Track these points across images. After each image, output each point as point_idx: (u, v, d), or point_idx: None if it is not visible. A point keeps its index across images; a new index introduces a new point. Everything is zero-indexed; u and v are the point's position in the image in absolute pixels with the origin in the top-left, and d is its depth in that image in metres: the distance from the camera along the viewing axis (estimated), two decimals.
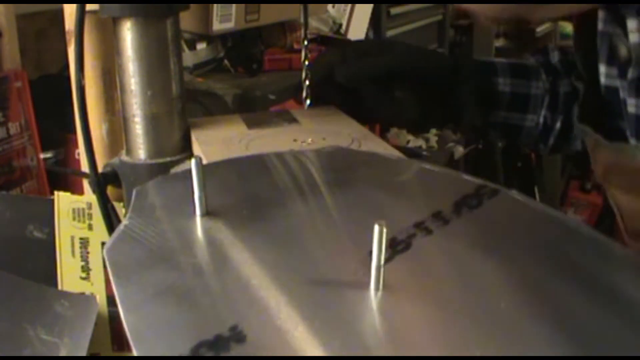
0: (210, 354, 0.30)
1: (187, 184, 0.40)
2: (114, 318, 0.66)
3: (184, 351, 0.30)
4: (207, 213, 0.40)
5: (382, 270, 0.33)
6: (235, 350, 0.30)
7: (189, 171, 0.40)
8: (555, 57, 0.77)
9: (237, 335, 0.31)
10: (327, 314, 0.32)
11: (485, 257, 0.37)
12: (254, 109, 1.14)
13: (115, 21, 0.57)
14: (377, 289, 0.34)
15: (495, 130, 0.76)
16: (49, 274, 0.65)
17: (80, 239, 0.65)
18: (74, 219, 0.65)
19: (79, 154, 0.90)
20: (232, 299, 0.34)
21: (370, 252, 0.33)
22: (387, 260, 0.34)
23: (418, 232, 0.38)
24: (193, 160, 0.40)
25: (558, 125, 0.75)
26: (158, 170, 0.56)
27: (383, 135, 1.70)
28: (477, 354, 0.29)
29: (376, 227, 0.32)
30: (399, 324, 0.32)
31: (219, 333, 0.31)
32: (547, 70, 0.75)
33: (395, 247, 0.37)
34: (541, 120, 0.75)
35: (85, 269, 0.65)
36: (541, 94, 0.75)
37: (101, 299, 0.65)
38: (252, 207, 0.42)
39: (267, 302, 0.33)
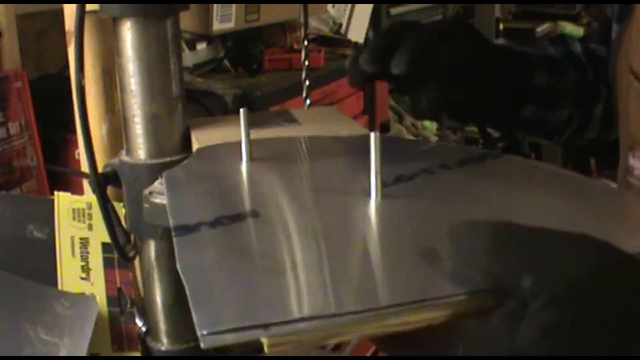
0: (228, 223, 0.39)
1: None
2: (114, 318, 0.66)
3: (209, 218, 0.40)
4: (251, 159, 0.50)
5: (379, 176, 0.41)
6: (250, 222, 0.40)
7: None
8: (577, 47, 0.76)
9: (253, 213, 0.40)
10: (329, 207, 0.42)
11: (476, 182, 0.46)
12: (254, 109, 1.14)
13: (115, 21, 0.57)
14: (375, 195, 0.42)
15: (518, 126, 0.74)
16: (49, 274, 0.64)
17: (80, 239, 0.65)
18: (73, 219, 0.65)
19: (79, 154, 0.90)
20: (257, 197, 0.45)
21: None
22: (389, 185, 0.43)
23: (422, 173, 0.46)
24: (241, 110, 0.51)
25: (577, 118, 0.74)
26: (158, 170, 0.56)
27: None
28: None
29: (372, 135, 0.40)
30: (388, 220, 0.40)
31: (240, 212, 0.41)
32: (573, 63, 0.74)
33: (399, 179, 0.45)
34: (566, 115, 0.74)
35: (85, 269, 0.65)
36: (570, 89, 0.73)
37: (101, 299, 0.65)
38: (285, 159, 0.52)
39: (283, 199, 0.44)
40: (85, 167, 0.61)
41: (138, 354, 0.67)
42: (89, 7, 0.56)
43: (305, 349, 0.32)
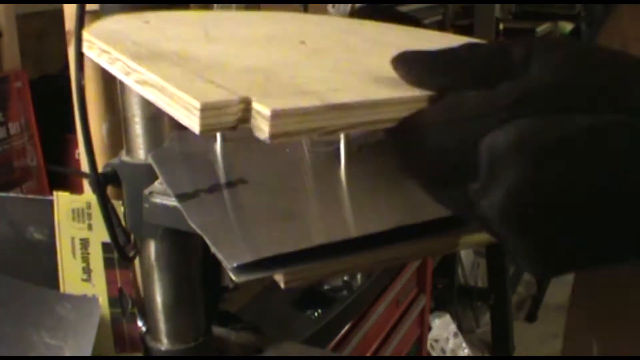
0: (222, 189, 0.42)
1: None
2: (116, 319, 0.66)
3: (204, 187, 0.42)
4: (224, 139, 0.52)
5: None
6: (242, 187, 0.42)
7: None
8: None
9: (242, 181, 0.43)
10: (306, 170, 0.45)
11: None
12: None
13: None
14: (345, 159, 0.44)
15: None
16: (50, 276, 0.64)
17: (81, 239, 0.65)
18: (73, 219, 0.65)
19: (79, 154, 0.90)
20: (240, 168, 0.47)
21: None
22: (356, 150, 0.45)
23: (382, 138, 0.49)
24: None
25: None
26: None
27: None
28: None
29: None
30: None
31: (230, 180, 0.44)
32: None
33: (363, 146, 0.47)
34: None
35: (86, 270, 0.65)
36: None
37: (103, 300, 0.65)
38: None
39: (262, 169, 0.46)
40: (85, 167, 0.61)
41: (140, 354, 0.67)
42: (89, 7, 0.56)
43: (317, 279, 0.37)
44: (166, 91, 0.29)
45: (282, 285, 0.34)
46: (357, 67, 0.35)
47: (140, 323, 0.67)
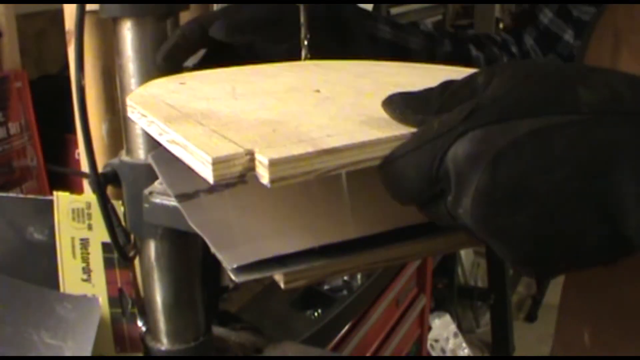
0: (222, 189, 0.42)
1: None
2: (116, 319, 0.66)
3: (203, 187, 0.42)
4: None
5: None
6: (241, 187, 0.41)
7: None
8: (427, 25, 0.75)
9: (242, 181, 0.39)
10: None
11: None
12: None
13: (115, 21, 0.57)
14: None
15: None
16: (50, 277, 0.64)
17: (81, 239, 0.65)
18: (73, 219, 0.65)
19: (79, 154, 0.90)
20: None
21: None
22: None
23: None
24: None
25: None
26: None
27: None
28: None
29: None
30: None
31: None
32: (422, 33, 0.73)
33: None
34: None
35: (86, 270, 0.65)
36: (419, 49, 0.71)
37: (103, 300, 0.65)
38: None
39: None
40: (85, 167, 0.61)
41: (140, 354, 0.67)
42: (89, 7, 0.56)
43: (317, 280, 0.37)
44: (188, 148, 0.34)
45: (282, 286, 0.35)
46: (358, 111, 0.38)
47: (140, 323, 0.67)
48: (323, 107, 0.39)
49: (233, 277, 0.34)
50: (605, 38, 0.63)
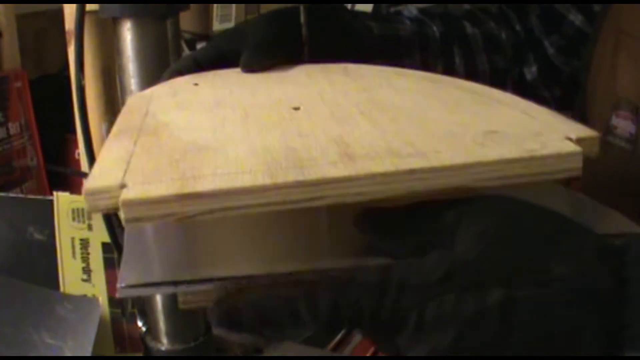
0: None
1: None
2: (116, 319, 0.66)
3: None
4: None
5: None
6: None
7: None
8: (412, 11, 0.73)
9: None
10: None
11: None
12: None
13: (115, 21, 0.57)
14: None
15: None
16: (50, 277, 0.64)
17: (81, 239, 0.65)
18: (73, 219, 0.65)
19: (79, 154, 0.90)
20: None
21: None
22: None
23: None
24: None
25: (439, 70, 0.70)
26: None
27: None
28: None
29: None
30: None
31: None
32: (408, 19, 0.71)
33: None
34: (419, 65, 0.69)
35: (86, 270, 0.65)
36: (410, 36, 0.69)
37: (103, 300, 0.65)
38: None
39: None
40: (85, 167, 0.61)
41: (141, 354, 0.67)
42: (89, 7, 0.56)
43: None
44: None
45: (179, 305, 0.34)
46: (282, 144, 0.35)
47: (140, 323, 0.67)
48: (261, 135, 0.37)
49: (117, 294, 0.33)
50: (608, 37, 0.63)
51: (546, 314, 0.30)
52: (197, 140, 0.36)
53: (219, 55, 0.56)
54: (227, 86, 0.49)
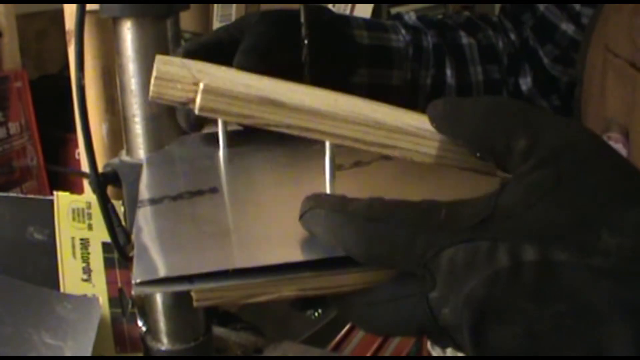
0: (188, 197, 0.42)
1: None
2: (116, 319, 0.66)
3: (171, 193, 0.43)
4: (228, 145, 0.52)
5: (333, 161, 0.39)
6: (208, 197, 0.42)
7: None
8: (411, 17, 0.73)
9: (212, 190, 0.43)
10: (286, 185, 0.45)
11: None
12: None
13: (115, 21, 0.57)
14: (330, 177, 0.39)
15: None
16: (50, 277, 0.64)
17: (81, 239, 0.65)
18: (73, 219, 0.65)
19: (79, 154, 0.90)
20: (222, 177, 0.47)
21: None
22: (346, 168, 0.44)
23: (380, 159, 0.46)
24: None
25: (429, 81, 0.69)
26: None
27: None
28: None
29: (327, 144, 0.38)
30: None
31: (201, 188, 0.43)
32: (405, 27, 0.70)
33: (357, 164, 0.45)
34: (409, 76, 0.68)
35: (86, 270, 0.65)
36: (403, 47, 0.68)
37: (103, 300, 0.65)
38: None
39: (245, 179, 0.46)
40: (85, 167, 0.61)
41: (141, 354, 0.67)
42: (89, 7, 0.56)
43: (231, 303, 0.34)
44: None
45: (194, 303, 0.34)
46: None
47: (140, 323, 0.67)
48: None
49: (132, 291, 0.33)
50: (597, 53, 0.62)
51: (585, 286, 0.28)
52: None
53: (218, 42, 0.57)
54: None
